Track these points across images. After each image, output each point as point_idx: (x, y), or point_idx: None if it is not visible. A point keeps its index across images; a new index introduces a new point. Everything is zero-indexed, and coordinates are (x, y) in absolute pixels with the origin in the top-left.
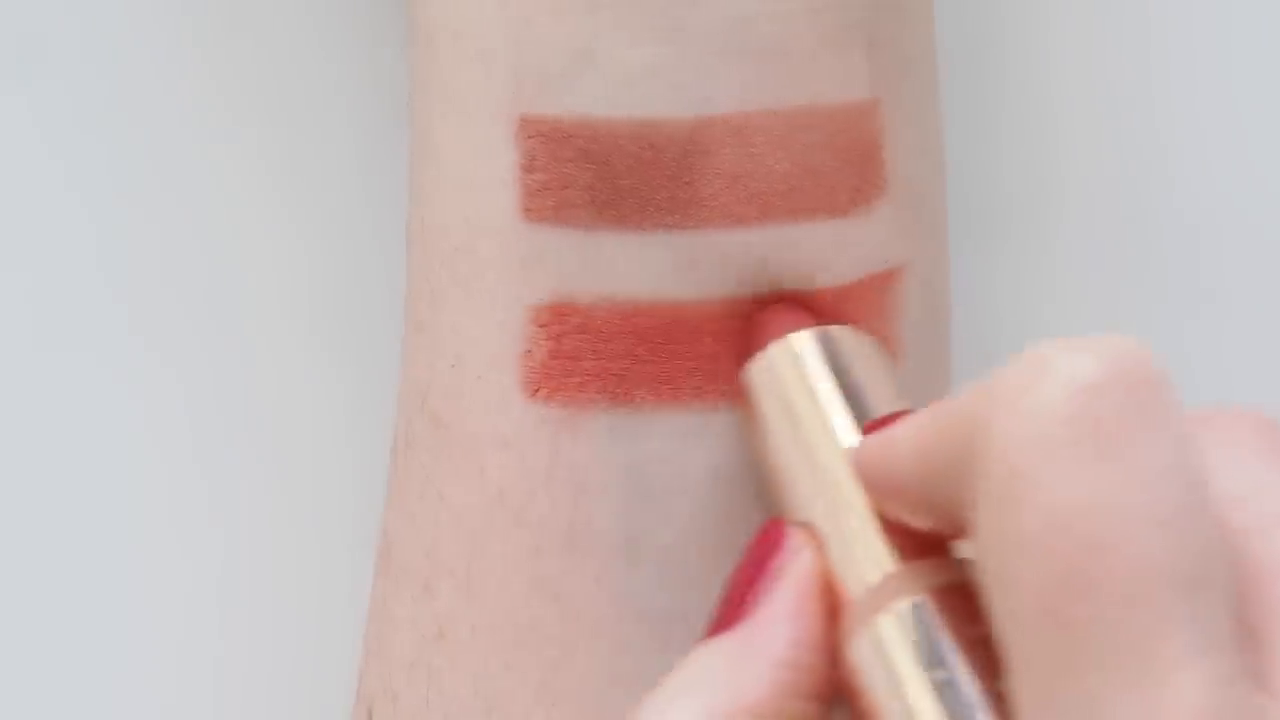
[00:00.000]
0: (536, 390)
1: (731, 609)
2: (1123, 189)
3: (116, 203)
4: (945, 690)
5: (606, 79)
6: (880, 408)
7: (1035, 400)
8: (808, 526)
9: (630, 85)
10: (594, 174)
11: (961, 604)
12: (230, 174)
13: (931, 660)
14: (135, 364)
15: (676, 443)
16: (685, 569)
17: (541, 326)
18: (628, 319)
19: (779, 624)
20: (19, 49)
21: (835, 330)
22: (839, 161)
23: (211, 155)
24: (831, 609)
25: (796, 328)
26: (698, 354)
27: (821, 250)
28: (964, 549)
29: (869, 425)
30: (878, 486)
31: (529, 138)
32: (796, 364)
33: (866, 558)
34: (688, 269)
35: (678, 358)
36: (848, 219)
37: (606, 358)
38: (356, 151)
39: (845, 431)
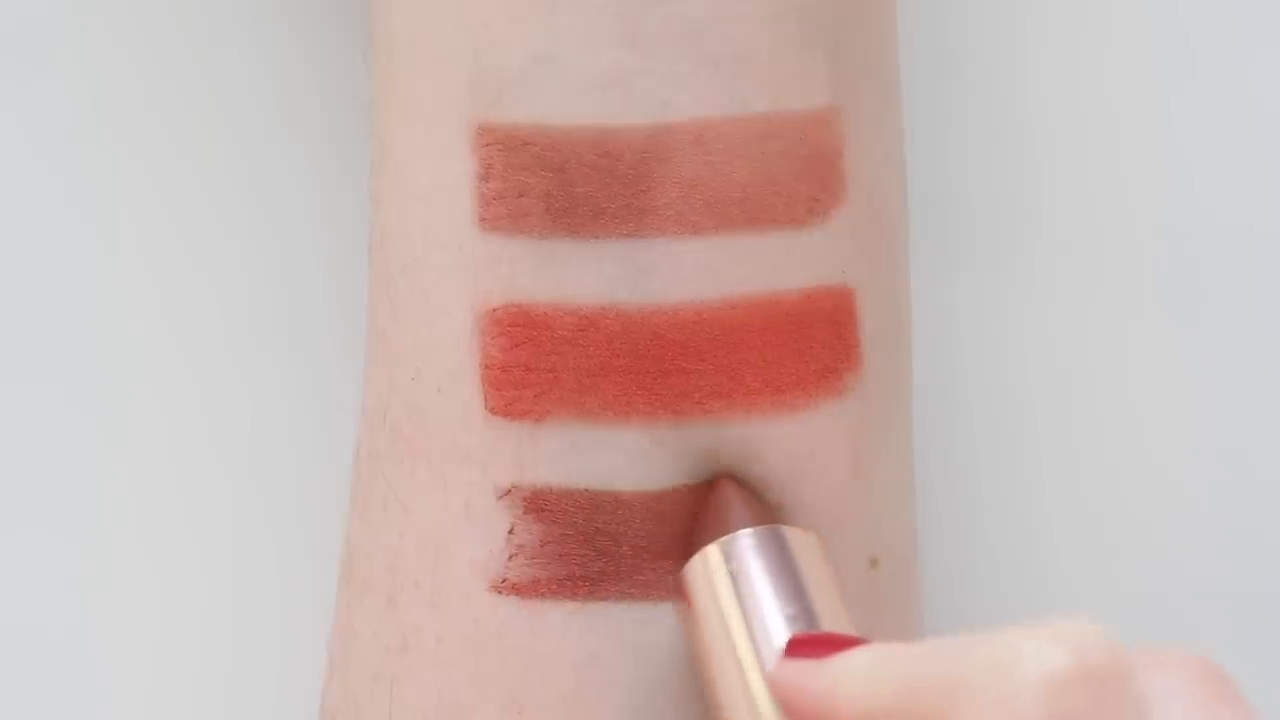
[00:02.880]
0: (494, 403)
1: None
2: (1092, 199)
3: (94, 210)
4: None
5: (565, 84)
6: (818, 615)
7: (1003, 693)
8: None
9: (589, 91)
10: (550, 181)
11: None
12: (217, 179)
13: None
14: (127, 367)
15: (633, 458)
16: (649, 578)
17: (494, 338)
18: (581, 329)
19: None
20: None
21: (778, 531)
22: (798, 170)
23: (187, 164)
24: None
25: (740, 517)
26: (650, 365)
27: (777, 260)
28: None
29: (795, 640)
30: (799, 712)
31: (486, 145)
32: (730, 566)
33: None
34: (641, 278)
35: (630, 369)
36: (805, 229)
37: (560, 369)
38: (338, 157)
39: (772, 643)
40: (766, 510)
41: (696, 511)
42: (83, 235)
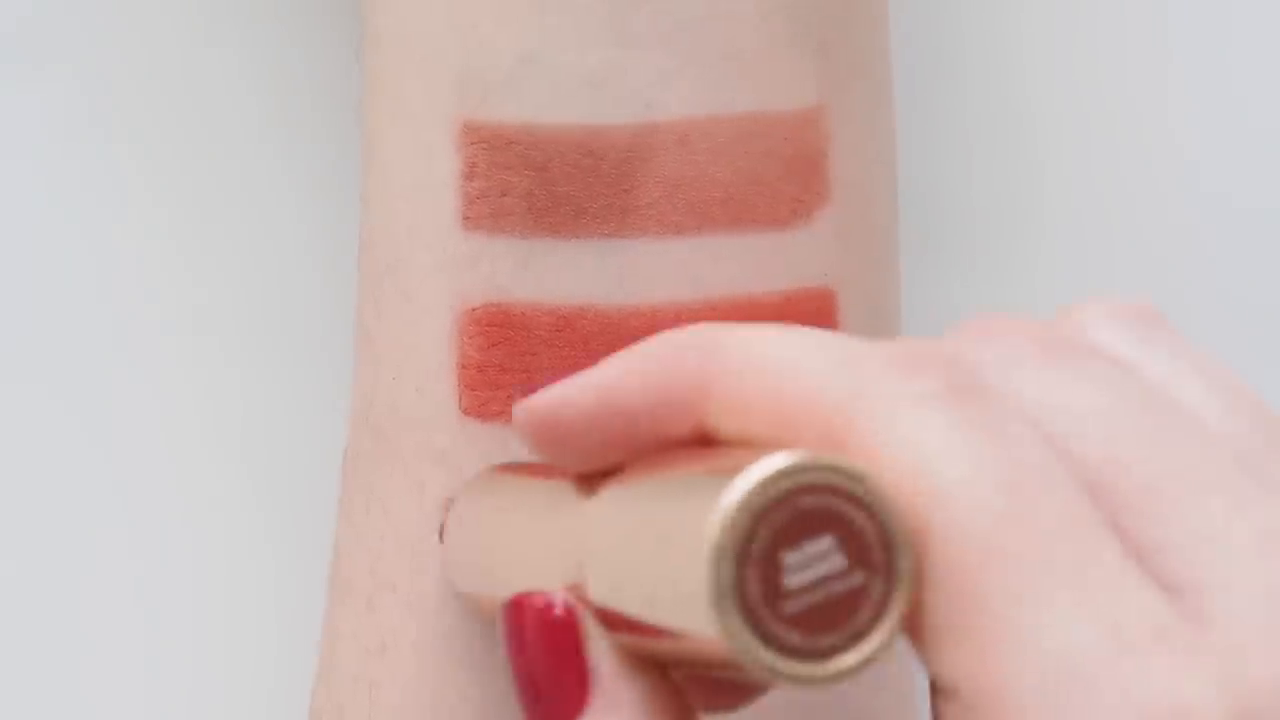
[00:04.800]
0: (469, 404)
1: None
2: (1090, 200)
3: (90, 209)
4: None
5: (552, 84)
6: None
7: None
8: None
9: (575, 91)
10: (532, 180)
11: None
12: (214, 180)
13: None
14: (127, 367)
15: None
16: None
17: (472, 337)
18: (559, 329)
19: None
20: None
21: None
22: (782, 170)
23: (183, 164)
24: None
25: None
26: None
27: (759, 261)
28: None
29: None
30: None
31: (471, 144)
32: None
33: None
34: (622, 278)
35: None
36: (787, 229)
37: (535, 370)
38: (337, 158)
39: None
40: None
41: None
42: (78, 235)
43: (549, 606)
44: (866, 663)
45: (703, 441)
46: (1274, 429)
